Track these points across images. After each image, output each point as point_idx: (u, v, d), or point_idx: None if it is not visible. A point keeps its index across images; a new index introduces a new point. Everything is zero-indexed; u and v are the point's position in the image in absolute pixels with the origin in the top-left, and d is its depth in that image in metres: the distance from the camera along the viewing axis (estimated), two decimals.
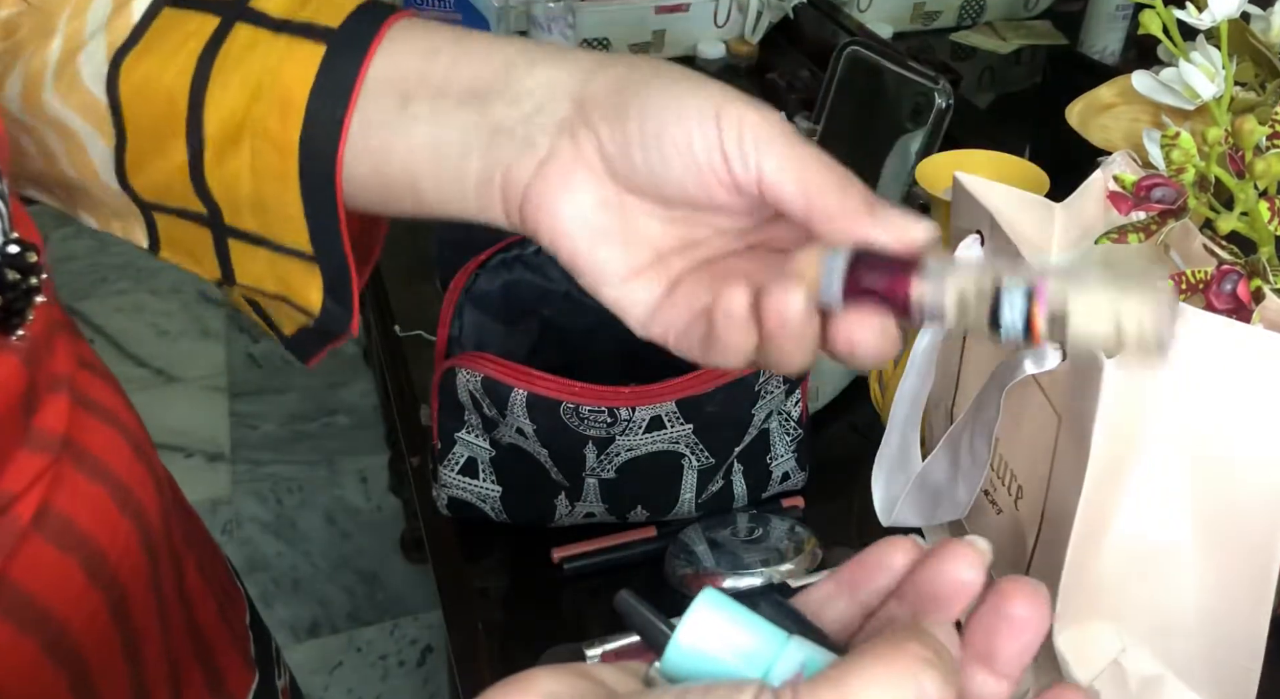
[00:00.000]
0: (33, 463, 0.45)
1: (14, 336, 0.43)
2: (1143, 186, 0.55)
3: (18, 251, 0.43)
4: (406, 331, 0.97)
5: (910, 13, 1.48)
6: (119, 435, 0.52)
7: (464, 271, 0.74)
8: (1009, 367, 0.53)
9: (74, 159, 0.52)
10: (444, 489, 0.74)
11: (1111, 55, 1.31)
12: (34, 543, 0.46)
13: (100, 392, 0.53)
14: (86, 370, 0.52)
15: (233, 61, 0.49)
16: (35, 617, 0.46)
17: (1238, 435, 0.51)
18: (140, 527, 0.52)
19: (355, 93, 0.47)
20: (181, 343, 2.52)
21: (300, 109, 0.47)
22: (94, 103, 0.50)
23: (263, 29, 0.49)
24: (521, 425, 0.68)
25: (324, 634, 1.89)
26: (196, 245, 0.54)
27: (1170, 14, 0.63)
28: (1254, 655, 0.54)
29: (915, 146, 0.99)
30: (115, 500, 0.51)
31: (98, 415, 0.51)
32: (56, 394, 0.47)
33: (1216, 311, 0.51)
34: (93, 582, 0.49)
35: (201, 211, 0.52)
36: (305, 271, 0.52)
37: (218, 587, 0.63)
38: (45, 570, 0.46)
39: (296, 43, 0.48)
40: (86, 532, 0.48)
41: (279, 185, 0.49)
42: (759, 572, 0.68)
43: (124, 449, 0.52)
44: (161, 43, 0.49)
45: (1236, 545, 0.53)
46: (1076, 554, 0.53)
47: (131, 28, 0.50)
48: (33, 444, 0.45)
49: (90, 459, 0.50)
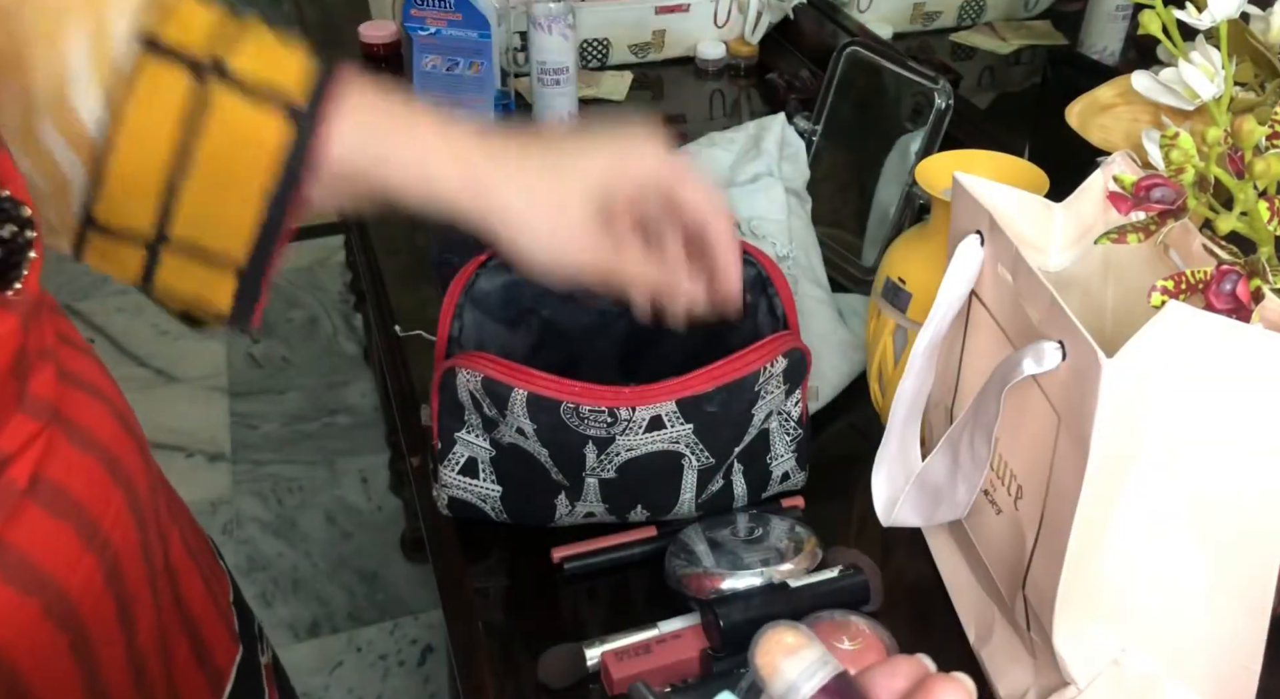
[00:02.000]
0: (26, 426, 0.47)
1: (11, 291, 0.44)
2: (1142, 187, 0.55)
3: (12, 206, 0.44)
4: (406, 331, 0.97)
5: (910, 13, 1.48)
6: (104, 407, 0.54)
7: (464, 272, 0.74)
8: (1009, 367, 0.53)
9: (49, 179, 0.54)
10: (444, 489, 0.74)
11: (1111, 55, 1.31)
12: (29, 509, 0.47)
13: (83, 365, 0.54)
14: (68, 345, 0.54)
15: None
16: (35, 580, 0.47)
17: (1237, 435, 0.51)
18: (129, 496, 0.54)
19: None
20: (182, 343, 2.52)
21: (277, 169, 0.51)
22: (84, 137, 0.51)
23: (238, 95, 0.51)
24: (522, 425, 0.68)
25: (324, 634, 1.89)
26: (124, 258, 0.54)
27: (1170, 14, 0.63)
28: (1253, 655, 0.54)
29: (915, 147, 0.99)
30: (105, 469, 0.52)
31: (83, 388, 0.53)
32: (45, 363, 0.49)
33: (1216, 311, 0.51)
34: (87, 547, 0.50)
35: (147, 236, 0.53)
36: (220, 282, 0.54)
37: (203, 562, 0.64)
38: (41, 535, 0.47)
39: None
40: (79, 499, 0.50)
41: (244, 186, 0.51)
42: (759, 571, 0.68)
43: (110, 421, 0.54)
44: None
45: (1236, 545, 0.53)
46: (1076, 554, 0.53)
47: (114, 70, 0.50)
48: (26, 408, 0.47)
49: (79, 430, 0.51)
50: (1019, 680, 0.63)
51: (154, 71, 0.51)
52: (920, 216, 0.98)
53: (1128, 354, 0.48)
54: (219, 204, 0.52)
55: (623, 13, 1.44)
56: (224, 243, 0.53)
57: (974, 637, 0.67)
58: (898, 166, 1.02)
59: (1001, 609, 0.65)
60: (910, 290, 0.77)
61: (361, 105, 0.52)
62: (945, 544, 0.72)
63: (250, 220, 0.51)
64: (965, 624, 0.68)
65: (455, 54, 1.31)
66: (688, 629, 0.67)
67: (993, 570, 0.64)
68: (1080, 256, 0.62)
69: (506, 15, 1.35)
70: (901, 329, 0.79)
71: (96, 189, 0.52)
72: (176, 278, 0.55)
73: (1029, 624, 0.60)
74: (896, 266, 0.79)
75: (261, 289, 0.54)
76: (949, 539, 0.72)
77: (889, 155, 1.03)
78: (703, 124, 1.36)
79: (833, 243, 1.05)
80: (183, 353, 2.50)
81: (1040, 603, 0.57)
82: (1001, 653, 0.65)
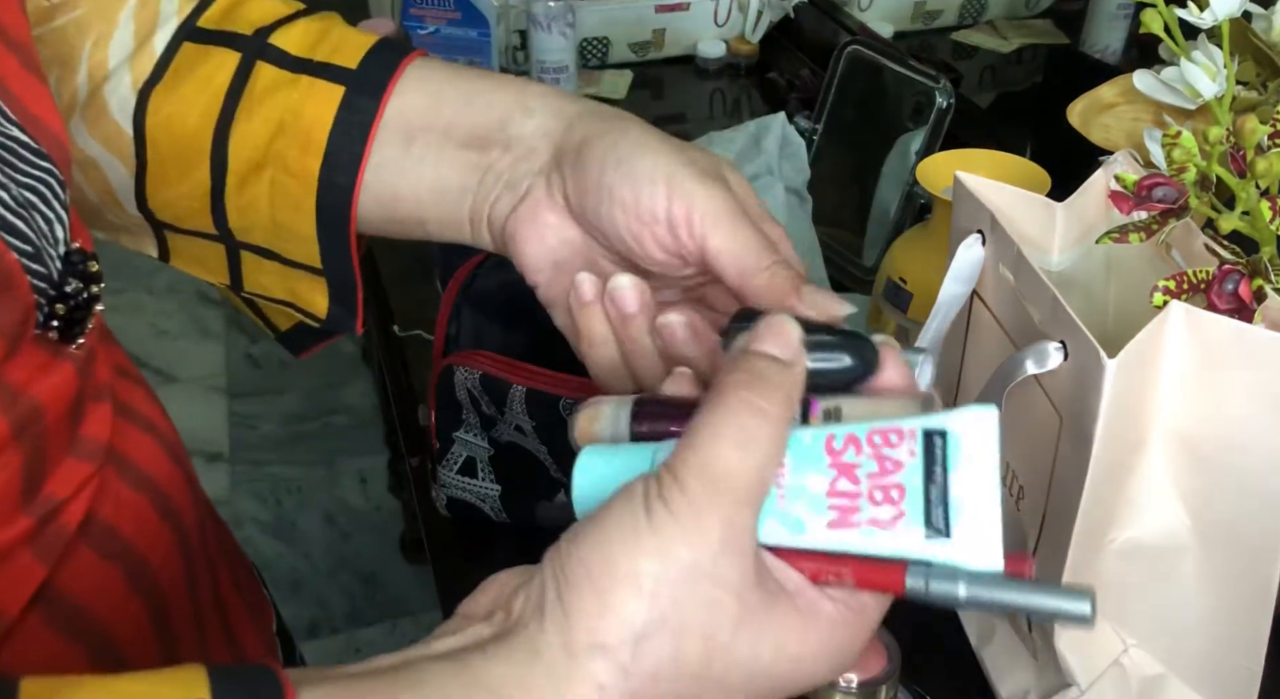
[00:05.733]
0: (79, 470, 0.45)
1: (74, 346, 0.43)
2: (1144, 186, 0.55)
3: (80, 261, 0.43)
4: (406, 332, 0.97)
5: (911, 12, 1.47)
6: (157, 443, 0.53)
7: (461, 272, 0.74)
8: (1011, 367, 0.53)
9: (93, 185, 0.54)
10: (443, 489, 0.74)
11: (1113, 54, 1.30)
12: (80, 552, 0.46)
13: (139, 399, 0.53)
14: (124, 378, 0.52)
15: (256, 100, 0.51)
16: (83, 626, 0.46)
17: (1240, 436, 0.50)
18: (179, 534, 0.52)
19: (373, 131, 0.51)
20: (180, 343, 2.52)
21: (321, 145, 0.51)
22: (119, 134, 0.52)
23: (284, 69, 0.52)
24: (520, 422, 0.68)
25: (324, 635, 1.88)
26: (208, 257, 0.56)
27: (1172, 13, 0.63)
28: (1256, 656, 0.54)
29: (916, 146, 0.99)
30: (156, 508, 0.51)
31: (137, 423, 0.51)
32: (100, 403, 0.48)
33: (1218, 311, 0.51)
34: (134, 590, 0.48)
35: (214, 232, 0.54)
36: (312, 282, 0.55)
37: (249, 594, 0.63)
38: (90, 578, 0.46)
39: (317, 84, 0.51)
40: (129, 540, 0.48)
41: (294, 213, 0.52)
42: None
43: (162, 457, 0.52)
44: (187, 80, 0.52)
45: (1239, 546, 0.52)
46: (1078, 555, 0.53)
47: (155, 63, 0.52)
48: (79, 452, 0.45)
49: (131, 467, 0.50)
50: (1021, 681, 0.62)
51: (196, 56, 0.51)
52: (921, 216, 0.97)
53: (1130, 354, 0.48)
54: (273, 192, 0.52)
55: (622, 11, 1.44)
56: (291, 233, 0.53)
57: (975, 637, 0.67)
58: (898, 166, 1.02)
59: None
60: (911, 290, 0.77)
61: (414, 76, 0.52)
62: None
63: (308, 206, 0.51)
64: (966, 625, 0.68)
65: (454, 53, 1.30)
66: None
67: None
68: (1082, 256, 0.62)
69: (506, 14, 1.35)
70: (903, 329, 0.78)
71: (140, 180, 0.53)
72: (265, 278, 0.55)
73: (1031, 625, 0.60)
74: (897, 266, 0.79)
75: (351, 287, 0.54)
76: None
77: (890, 155, 1.03)
78: (703, 123, 1.36)
79: (833, 242, 1.05)
80: (181, 353, 2.50)
81: None
82: (1003, 654, 0.64)
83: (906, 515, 0.34)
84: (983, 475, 0.34)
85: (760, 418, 0.34)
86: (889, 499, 0.34)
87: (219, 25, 0.52)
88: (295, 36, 0.52)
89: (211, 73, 0.51)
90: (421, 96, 0.51)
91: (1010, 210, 0.58)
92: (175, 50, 0.52)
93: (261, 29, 0.52)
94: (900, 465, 0.34)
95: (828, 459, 0.35)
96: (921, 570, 0.34)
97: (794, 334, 0.36)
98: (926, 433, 0.35)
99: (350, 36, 0.53)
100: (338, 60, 0.51)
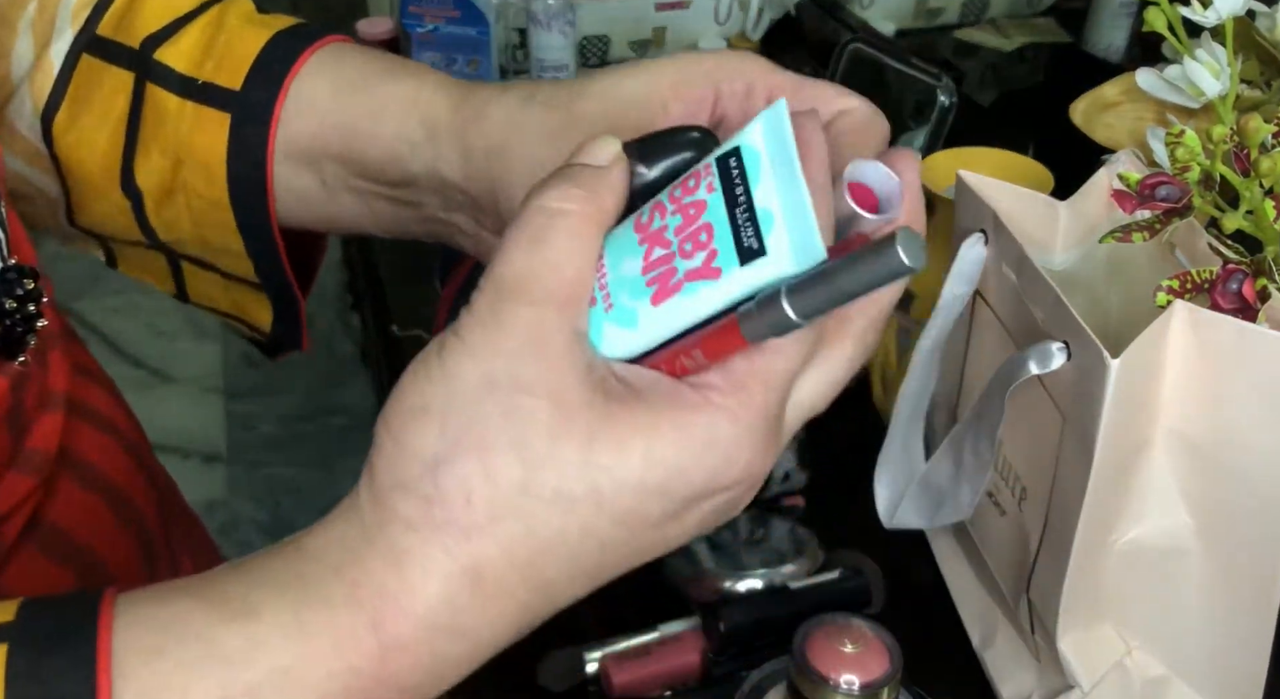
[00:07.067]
0: (20, 484, 0.45)
1: (16, 362, 0.43)
2: (1147, 185, 0.55)
3: (16, 277, 0.42)
4: (405, 332, 0.97)
5: (913, 10, 1.47)
6: (115, 443, 0.52)
7: (461, 272, 0.73)
8: (1013, 367, 0.53)
9: (36, 199, 0.54)
10: None
11: (1116, 53, 1.30)
12: (26, 555, 0.45)
13: (97, 398, 0.52)
14: (83, 377, 0.52)
15: (150, 133, 0.50)
16: None
17: (1244, 436, 0.50)
18: (139, 535, 0.52)
19: (269, 164, 0.49)
20: (178, 343, 2.51)
21: (222, 178, 0.49)
22: (38, 154, 0.51)
23: (171, 92, 0.49)
24: None
25: None
26: (151, 265, 0.55)
27: (1175, 11, 0.63)
28: (1260, 658, 0.53)
29: (918, 144, 0.99)
30: (112, 509, 0.50)
31: (95, 423, 0.51)
32: (52, 412, 0.47)
33: (1222, 311, 0.51)
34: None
35: (150, 242, 0.53)
36: (255, 297, 0.54)
37: None
38: (39, 580, 0.45)
39: (202, 111, 0.49)
40: (83, 543, 0.48)
41: (220, 230, 0.51)
42: (760, 573, 0.67)
43: (120, 456, 0.52)
44: (85, 110, 0.50)
45: (1242, 547, 0.52)
46: (1081, 556, 0.53)
47: (53, 81, 0.50)
48: (21, 466, 0.45)
49: (86, 467, 0.49)
50: (1023, 683, 0.62)
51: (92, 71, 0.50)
52: None
53: (1133, 354, 0.48)
54: (192, 214, 0.51)
55: (623, 9, 1.44)
56: (222, 249, 0.52)
57: (977, 640, 0.67)
58: None
59: (1005, 612, 0.64)
60: (913, 290, 0.76)
61: (301, 95, 0.49)
62: (948, 546, 0.72)
63: (232, 226, 0.50)
64: (969, 627, 0.68)
65: (453, 51, 1.30)
66: (688, 632, 0.66)
67: (996, 572, 0.63)
68: (1085, 255, 0.61)
69: (505, 12, 1.34)
70: (904, 329, 0.78)
71: (66, 198, 0.52)
72: (209, 288, 0.54)
73: (1033, 627, 0.60)
74: None
75: (293, 302, 0.53)
76: (952, 541, 0.72)
77: None
78: None
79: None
80: (178, 353, 2.49)
81: (1044, 605, 0.57)
82: (1005, 656, 0.64)
83: (720, 253, 0.30)
84: (785, 175, 0.30)
85: (549, 216, 0.31)
86: (699, 244, 0.30)
87: (114, 34, 0.50)
88: (184, 48, 0.49)
89: (109, 100, 0.49)
90: (311, 120, 0.48)
91: (1013, 209, 0.58)
92: (73, 67, 0.50)
93: (151, 38, 0.50)
94: (704, 205, 0.31)
95: (637, 237, 0.31)
96: (748, 307, 0.30)
97: (610, 144, 0.33)
98: (719, 160, 0.31)
99: (236, 43, 0.49)
100: (221, 80, 0.49)
